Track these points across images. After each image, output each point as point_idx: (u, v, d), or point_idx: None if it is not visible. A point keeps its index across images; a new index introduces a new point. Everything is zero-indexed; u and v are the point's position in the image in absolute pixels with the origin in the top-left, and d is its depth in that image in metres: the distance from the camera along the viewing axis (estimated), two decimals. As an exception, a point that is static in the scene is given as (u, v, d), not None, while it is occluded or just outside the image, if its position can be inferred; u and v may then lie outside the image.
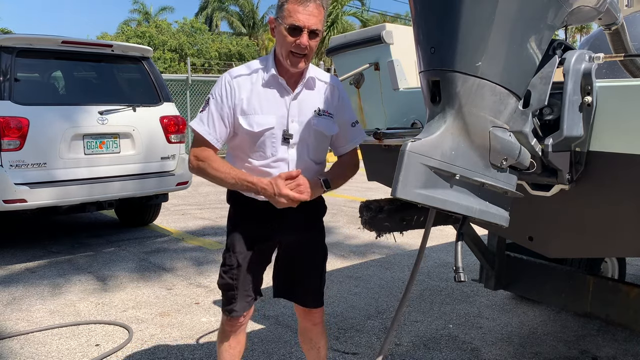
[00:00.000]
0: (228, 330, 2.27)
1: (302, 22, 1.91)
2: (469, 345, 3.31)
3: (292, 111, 2.06)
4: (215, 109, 2.03)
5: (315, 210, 2.24)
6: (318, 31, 1.96)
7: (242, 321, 2.26)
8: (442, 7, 1.56)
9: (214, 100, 2.04)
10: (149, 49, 6.09)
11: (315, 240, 2.28)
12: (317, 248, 2.29)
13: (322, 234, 2.32)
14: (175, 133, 5.85)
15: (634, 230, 1.83)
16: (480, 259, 3.20)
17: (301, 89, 2.08)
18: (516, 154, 1.63)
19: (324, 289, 2.36)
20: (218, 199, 8.36)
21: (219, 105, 2.03)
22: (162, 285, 4.41)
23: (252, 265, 2.19)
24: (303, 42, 1.93)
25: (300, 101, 2.08)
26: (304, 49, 1.95)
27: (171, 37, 25.37)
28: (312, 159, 2.13)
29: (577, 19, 1.85)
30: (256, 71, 2.06)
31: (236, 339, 2.29)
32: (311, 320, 2.36)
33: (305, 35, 1.93)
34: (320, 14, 1.95)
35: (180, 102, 12.31)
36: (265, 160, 2.06)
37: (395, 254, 5.31)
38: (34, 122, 4.83)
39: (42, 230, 6.32)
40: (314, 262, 2.29)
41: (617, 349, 3.25)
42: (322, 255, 2.32)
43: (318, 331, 2.38)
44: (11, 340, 3.39)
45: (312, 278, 2.29)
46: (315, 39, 1.97)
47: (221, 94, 2.03)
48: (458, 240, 1.73)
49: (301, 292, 2.31)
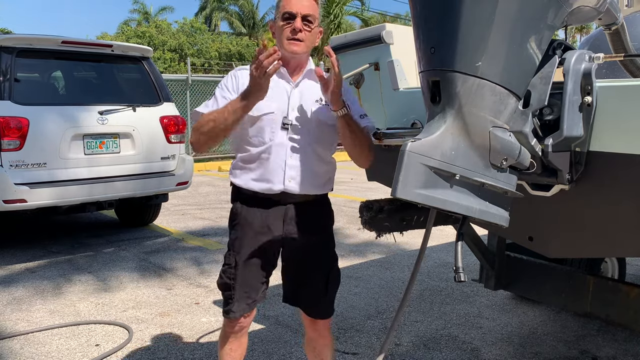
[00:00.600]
0: (228, 332, 2.23)
1: (294, 9, 1.98)
2: (469, 345, 3.31)
3: (293, 99, 2.07)
4: (220, 94, 2.09)
5: (321, 213, 2.21)
6: (311, 18, 2.00)
7: (242, 323, 2.21)
8: (442, 7, 1.56)
9: (219, 89, 2.11)
10: (149, 49, 6.09)
11: (321, 246, 2.22)
12: (322, 254, 2.22)
13: (329, 240, 2.25)
14: (175, 133, 5.85)
15: (634, 230, 1.83)
16: (480, 259, 3.20)
17: (302, 78, 2.10)
18: (516, 154, 1.63)
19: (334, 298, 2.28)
20: (218, 199, 8.37)
21: (224, 91, 2.09)
22: (162, 285, 4.41)
23: (253, 266, 2.15)
24: (297, 25, 1.98)
25: (301, 90, 2.09)
26: (298, 32, 1.98)
27: (171, 37, 25.36)
28: (314, 149, 2.08)
29: (577, 19, 1.85)
30: None
31: (237, 341, 2.24)
32: (316, 331, 2.30)
33: (298, 20, 1.98)
34: (312, 4, 2.01)
35: (180, 102, 12.31)
36: (263, 146, 2.05)
37: (395, 254, 5.31)
38: (34, 122, 4.83)
39: (42, 230, 6.32)
40: (318, 269, 2.21)
41: (617, 349, 3.25)
42: (328, 263, 2.23)
43: (323, 343, 2.31)
44: (11, 340, 3.39)
45: (317, 286, 2.21)
46: (309, 25, 2.00)
47: (226, 82, 2.12)
48: (458, 240, 1.73)
49: (305, 300, 2.26)
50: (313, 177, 2.10)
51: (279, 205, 2.11)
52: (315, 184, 2.12)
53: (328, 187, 2.20)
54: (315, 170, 2.10)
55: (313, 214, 2.16)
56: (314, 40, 2.07)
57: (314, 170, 2.10)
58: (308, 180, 2.08)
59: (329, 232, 2.26)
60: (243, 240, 2.14)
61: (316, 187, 2.13)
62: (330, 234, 2.27)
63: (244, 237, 2.14)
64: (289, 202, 2.11)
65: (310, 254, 2.20)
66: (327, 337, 2.31)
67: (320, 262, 2.22)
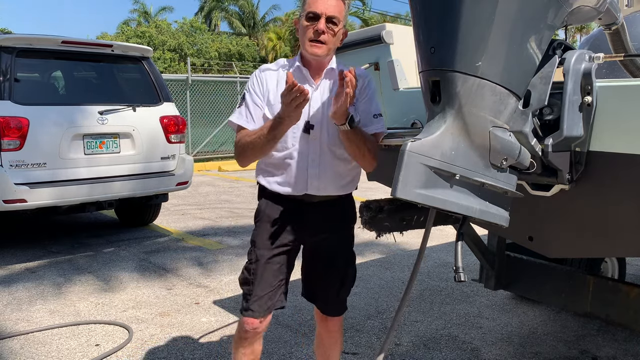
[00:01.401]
0: (243, 336, 2.19)
1: (319, 9, 1.96)
2: (469, 345, 3.31)
3: (314, 102, 2.06)
4: (250, 99, 2.09)
5: (342, 212, 2.22)
6: (336, 20, 1.97)
7: (257, 327, 2.17)
8: (442, 7, 1.56)
9: (248, 93, 2.11)
10: (149, 49, 6.09)
11: (339, 244, 2.23)
12: (339, 252, 2.24)
13: (347, 238, 2.25)
14: (175, 133, 5.85)
15: (634, 231, 1.83)
16: (480, 259, 3.20)
17: (322, 79, 2.09)
18: (516, 154, 1.63)
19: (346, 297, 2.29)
20: (218, 199, 8.37)
21: (253, 95, 2.09)
22: (162, 285, 4.41)
23: (272, 263, 2.15)
24: (320, 27, 1.96)
25: (321, 92, 2.08)
26: (321, 34, 1.96)
27: (171, 37, 25.37)
28: (335, 151, 2.07)
29: (577, 19, 1.85)
30: (283, 67, 2.12)
31: (251, 347, 2.21)
32: (326, 327, 2.33)
33: (322, 21, 1.96)
34: (339, 5, 1.99)
35: (180, 102, 12.31)
36: (286, 151, 2.06)
37: (395, 254, 5.31)
38: (34, 122, 4.83)
39: (42, 230, 6.32)
40: (334, 266, 2.23)
41: (617, 349, 3.25)
42: (344, 260, 2.25)
43: (332, 340, 2.34)
44: (11, 340, 3.39)
45: (331, 283, 2.23)
46: (333, 27, 1.98)
47: (253, 86, 2.10)
48: (458, 240, 1.73)
49: (320, 296, 2.28)
50: (336, 178, 2.11)
51: (301, 205, 2.12)
52: (337, 185, 2.13)
53: (352, 187, 2.21)
54: (338, 171, 2.11)
55: (335, 214, 2.17)
56: (337, 42, 2.05)
57: (336, 171, 2.10)
58: (330, 181, 2.10)
59: (348, 232, 2.27)
60: (264, 236, 2.15)
61: (339, 187, 2.14)
62: (351, 233, 2.27)
63: (265, 233, 2.15)
64: (311, 202, 2.12)
65: (328, 253, 2.22)
66: (336, 333, 2.34)
67: (337, 260, 2.24)
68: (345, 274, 2.26)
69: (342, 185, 2.15)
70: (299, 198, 2.11)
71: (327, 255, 2.22)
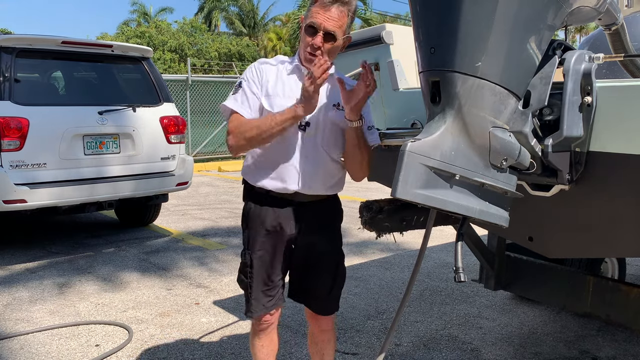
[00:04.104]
0: (257, 329, 2.26)
1: (319, 22, 1.98)
2: (469, 346, 3.31)
3: None
4: (248, 87, 2.09)
5: (331, 212, 2.24)
6: (335, 34, 1.99)
7: (268, 320, 2.23)
8: (442, 7, 1.56)
9: (245, 82, 2.11)
10: (149, 49, 6.09)
11: (328, 243, 2.25)
12: (329, 251, 2.26)
13: (336, 237, 2.28)
14: (175, 133, 5.85)
15: (634, 231, 1.83)
16: (480, 259, 3.20)
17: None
18: (516, 154, 1.63)
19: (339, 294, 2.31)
20: (218, 199, 8.37)
21: (251, 84, 2.10)
22: (162, 286, 4.41)
23: (267, 264, 2.17)
24: (316, 42, 1.99)
25: (320, 93, 2.08)
26: (316, 49, 1.99)
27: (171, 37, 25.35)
28: (327, 151, 2.11)
29: (577, 19, 1.85)
30: (282, 63, 2.14)
31: (268, 337, 2.27)
32: (319, 326, 2.35)
33: (319, 36, 1.98)
34: (340, 19, 2.00)
35: (180, 102, 12.30)
36: (280, 145, 2.06)
37: (395, 254, 5.31)
38: (34, 122, 4.83)
39: (42, 230, 6.32)
40: (326, 267, 2.25)
41: (617, 349, 3.25)
42: (334, 260, 2.27)
43: (325, 338, 2.36)
44: (11, 340, 3.39)
45: (322, 282, 2.25)
46: (331, 42, 2.00)
47: (252, 74, 2.11)
48: (458, 240, 1.73)
49: (310, 295, 2.29)
50: (326, 177, 2.13)
51: (291, 204, 2.13)
52: (327, 185, 2.16)
53: (339, 187, 2.23)
54: (328, 171, 2.13)
55: (323, 213, 2.19)
56: (336, 52, 2.07)
57: (327, 171, 2.12)
58: (321, 180, 2.12)
59: (337, 231, 2.30)
60: (256, 238, 2.17)
61: (328, 187, 2.17)
62: (338, 233, 2.30)
63: (257, 235, 2.17)
64: (300, 201, 2.13)
65: (319, 252, 2.23)
66: (329, 331, 2.36)
67: (328, 259, 2.26)
68: (337, 273, 2.28)
69: (331, 186, 2.18)
70: (289, 197, 2.12)
71: (319, 254, 2.23)
